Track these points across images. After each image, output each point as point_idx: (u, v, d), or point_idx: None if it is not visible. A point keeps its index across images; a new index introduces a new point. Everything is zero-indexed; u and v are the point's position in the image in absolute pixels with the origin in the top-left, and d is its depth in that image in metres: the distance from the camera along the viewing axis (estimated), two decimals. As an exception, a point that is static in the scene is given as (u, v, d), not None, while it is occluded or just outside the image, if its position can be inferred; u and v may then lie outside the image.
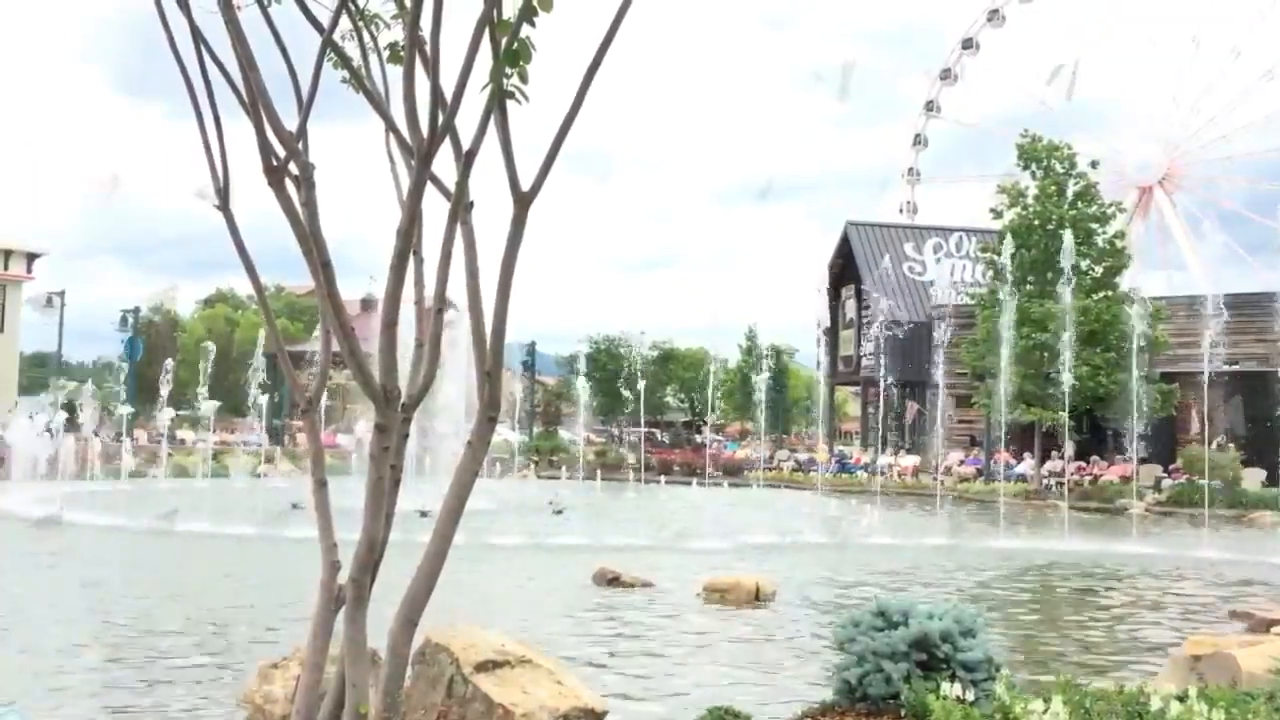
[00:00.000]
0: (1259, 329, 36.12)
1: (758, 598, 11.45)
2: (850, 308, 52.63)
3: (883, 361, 40.36)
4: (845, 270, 52.36)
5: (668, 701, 7.20)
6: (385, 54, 4.87)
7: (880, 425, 44.13)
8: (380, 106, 4.67)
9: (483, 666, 5.22)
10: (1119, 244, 36.79)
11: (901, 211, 59.68)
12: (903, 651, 5.47)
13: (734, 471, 41.54)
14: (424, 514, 14.06)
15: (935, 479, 34.38)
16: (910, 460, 41.17)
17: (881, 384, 40.27)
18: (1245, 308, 37.26)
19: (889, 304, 44.21)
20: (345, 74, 4.68)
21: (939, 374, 34.29)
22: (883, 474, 37.06)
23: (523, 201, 4.29)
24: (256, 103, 4.23)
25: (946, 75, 60.22)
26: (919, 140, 61.00)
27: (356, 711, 4.36)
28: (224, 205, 4.64)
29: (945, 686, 5.09)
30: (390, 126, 4.68)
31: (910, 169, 60.95)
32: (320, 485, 4.72)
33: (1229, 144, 57.76)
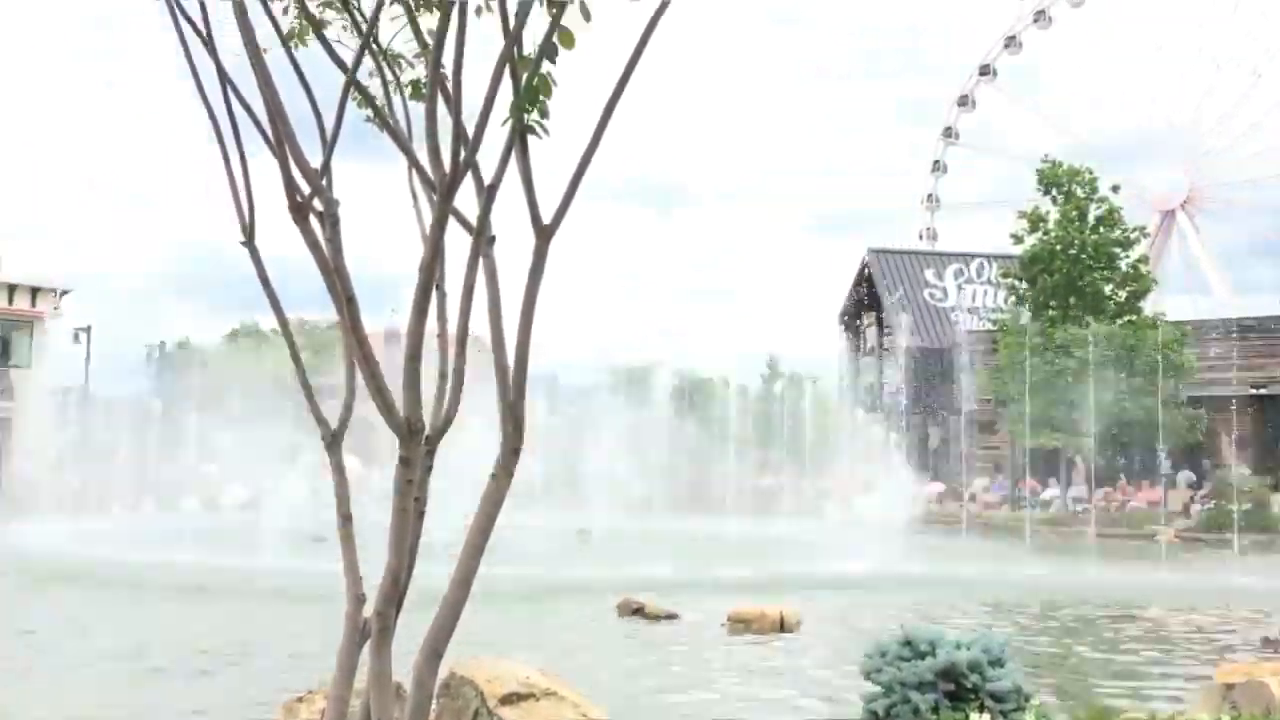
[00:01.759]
0: (1286, 352, 35.81)
1: (783, 627, 11.38)
2: (871, 335, 52.49)
3: (905, 389, 40.19)
4: (866, 298, 52.28)
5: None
6: (408, 91, 4.94)
7: (903, 453, 43.81)
8: (403, 143, 4.73)
9: (507, 699, 5.21)
10: (1142, 268, 36.60)
11: (921, 238, 59.59)
12: (930, 681, 5.43)
13: (758, 499, 41.33)
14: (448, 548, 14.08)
15: (960, 506, 34.10)
16: (934, 488, 40.88)
17: (904, 411, 40.07)
18: (1272, 330, 36.96)
19: (911, 331, 44.07)
20: (369, 112, 4.75)
21: (962, 400, 34.07)
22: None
23: (544, 234, 4.32)
24: (282, 141, 4.30)
25: (965, 102, 60.29)
26: (938, 166, 61.00)
27: (382, 745, 4.36)
28: (249, 241, 4.70)
29: (974, 717, 5.05)
30: (413, 162, 4.73)
31: (929, 195, 60.93)
32: (345, 519, 4.75)
33: (1251, 166, 57.49)
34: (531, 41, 4.02)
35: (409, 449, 4.44)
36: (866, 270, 51.93)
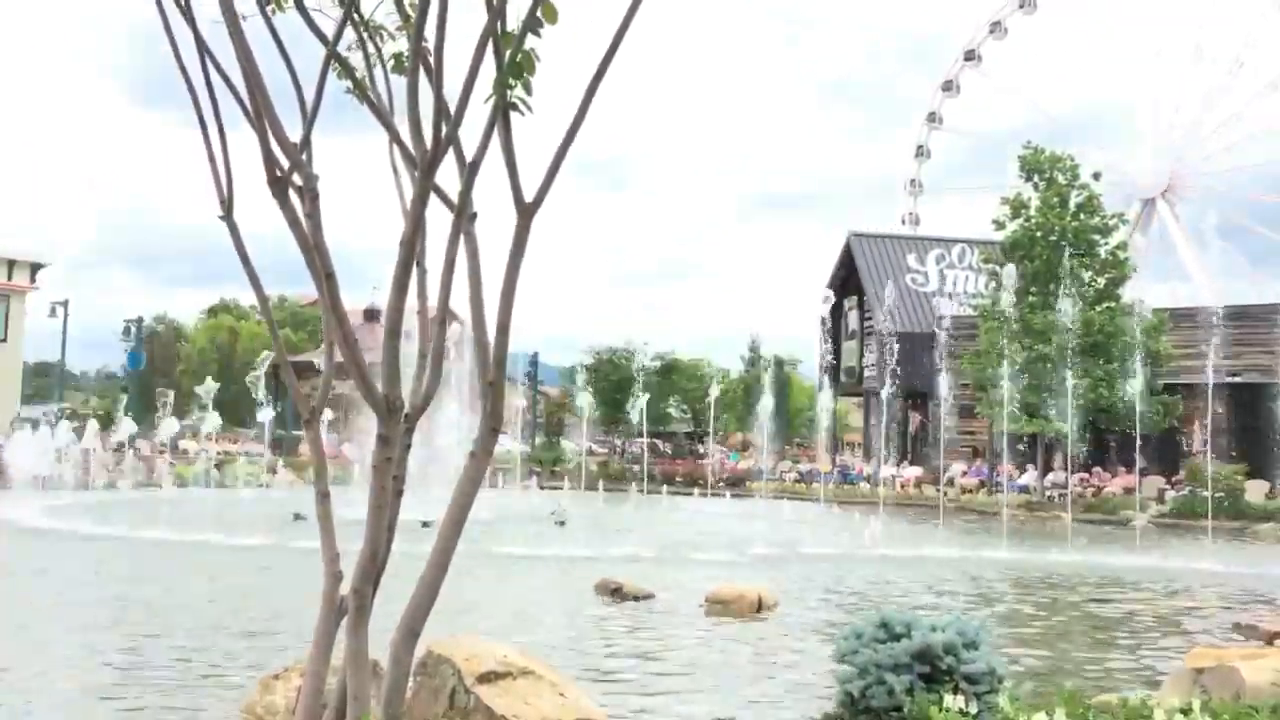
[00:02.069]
0: (1262, 340, 36.13)
1: (760, 609, 11.43)
2: (853, 319, 52.64)
3: (885, 372, 40.34)
4: (848, 281, 52.39)
5: (670, 713, 7.18)
6: (390, 64, 4.89)
7: (883, 436, 44.09)
8: (384, 117, 4.69)
9: (485, 678, 5.21)
10: (1121, 255, 36.81)
11: (904, 223, 59.72)
12: (905, 663, 5.46)
13: (736, 482, 41.49)
14: (426, 524, 14.07)
15: (938, 490, 34.34)
16: (913, 471, 41.12)
17: (884, 395, 40.25)
18: (1248, 319, 37.26)
19: (891, 315, 44.21)
20: (349, 85, 4.71)
21: (942, 385, 34.27)
22: (885, 485, 37.00)
23: (526, 212, 4.30)
24: (261, 114, 4.25)
25: (948, 87, 60.33)
26: (921, 152, 61.09)
27: (358, 722, 4.36)
28: (228, 215, 4.65)
29: (948, 699, 5.08)
30: (394, 137, 4.69)
31: (912, 180, 61.03)
32: (323, 496, 4.73)
33: (1232, 155, 57.81)
34: (515, 16, 3.99)
35: (388, 427, 4.42)
36: (849, 254, 52.01)
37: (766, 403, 38.41)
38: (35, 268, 46.73)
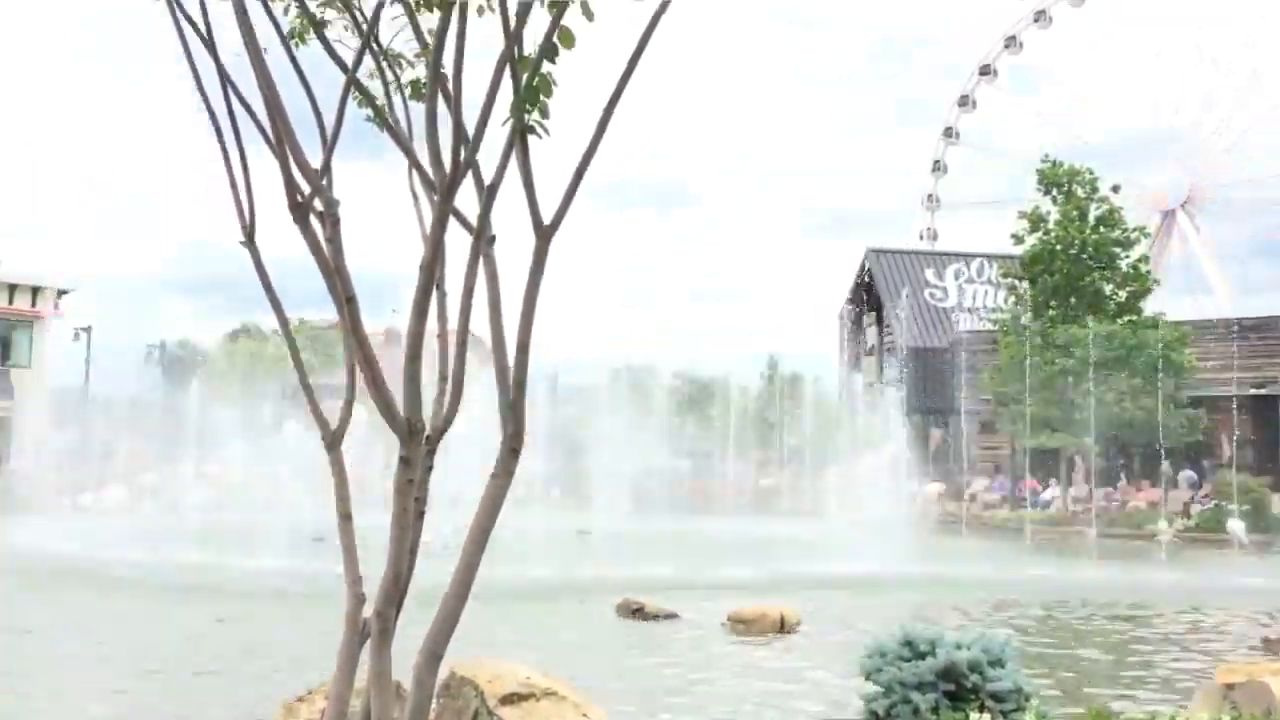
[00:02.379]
0: (1286, 352, 35.83)
1: (783, 628, 11.38)
2: (872, 335, 52.51)
3: (905, 389, 40.19)
4: (866, 297, 52.31)
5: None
6: (408, 91, 4.94)
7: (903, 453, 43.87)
8: (403, 143, 4.74)
9: (508, 699, 5.21)
10: (1142, 268, 36.60)
11: (921, 238, 59.60)
12: (930, 681, 5.43)
13: (759, 500, 41.34)
14: (446, 548, 14.07)
15: (961, 506, 34.10)
16: (935, 487, 40.89)
17: (904, 411, 40.07)
18: (1272, 330, 36.96)
19: (910, 330, 44.08)
20: (369, 111, 4.76)
21: (962, 400, 34.09)
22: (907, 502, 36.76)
23: (544, 234, 4.32)
24: (282, 140, 4.30)
25: (965, 102, 60.28)
26: (938, 167, 61.01)
27: (382, 745, 4.36)
28: (249, 240, 4.70)
29: (974, 717, 5.05)
30: (413, 162, 4.74)
31: (930, 195, 60.93)
32: (345, 519, 4.75)
33: (1251, 167, 57.51)
34: (532, 41, 4.02)
35: (409, 449, 4.44)
36: (867, 270, 51.94)
37: (784, 419, 38.28)
38: (60, 293, 47.20)
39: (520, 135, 4.14)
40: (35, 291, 46.04)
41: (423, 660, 4.49)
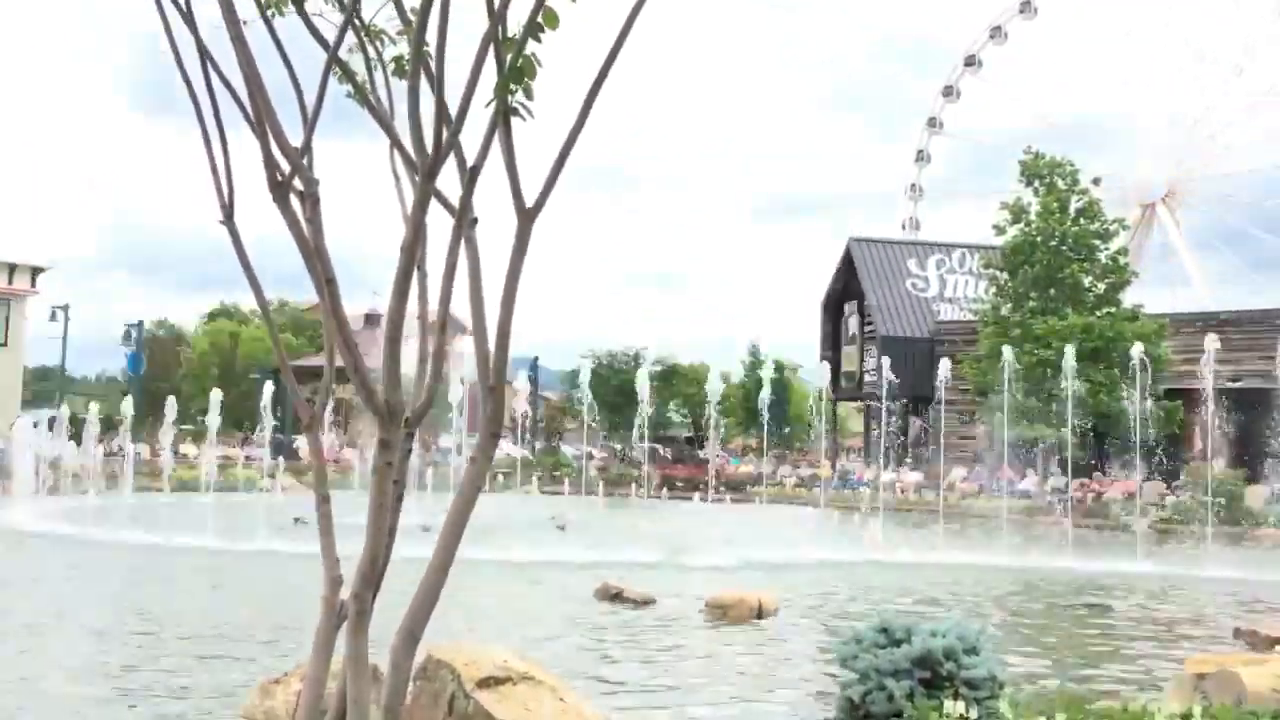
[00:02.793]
0: (1263, 346, 36.11)
1: (760, 614, 11.42)
2: (853, 324, 52.65)
3: (885, 377, 40.37)
4: (848, 286, 52.44)
5: (670, 715, 7.17)
6: (390, 68, 4.89)
7: (883, 441, 44.14)
8: (385, 122, 4.69)
9: (485, 683, 5.21)
10: (1121, 260, 36.83)
11: (904, 228, 59.77)
12: (906, 669, 5.45)
13: (737, 487, 41.46)
14: (426, 529, 14.04)
15: (939, 495, 34.31)
16: (913, 476, 41.09)
17: (884, 400, 40.26)
18: (1249, 324, 37.27)
19: (892, 319, 44.22)
20: (350, 89, 4.71)
21: (942, 390, 34.26)
22: (885, 490, 36.96)
23: (527, 216, 4.30)
24: (262, 119, 4.25)
25: (949, 92, 60.41)
26: (921, 157, 61.15)
27: (357, 727, 4.35)
28: (228, 220, 4.65)
29: (949, 704, 5.07)
30: (395, 142, 4.69)
31: (913, 185, 61.08)
32: (323, 501, 4.72)
33: (1232, 160, 57.90)
34: (516, 21, 3.99)
35: (388, 431, 4.41)
36: (850, 258, 52.03)
37: (766, 406, 38.38)
38: (36, 272, 46.75)
39: (504, 116, 4.11)
40: (11, 269, 45.59)
41: (399, 643, 4.48)
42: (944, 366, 35.02)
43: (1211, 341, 28.60)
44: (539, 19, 3.93)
